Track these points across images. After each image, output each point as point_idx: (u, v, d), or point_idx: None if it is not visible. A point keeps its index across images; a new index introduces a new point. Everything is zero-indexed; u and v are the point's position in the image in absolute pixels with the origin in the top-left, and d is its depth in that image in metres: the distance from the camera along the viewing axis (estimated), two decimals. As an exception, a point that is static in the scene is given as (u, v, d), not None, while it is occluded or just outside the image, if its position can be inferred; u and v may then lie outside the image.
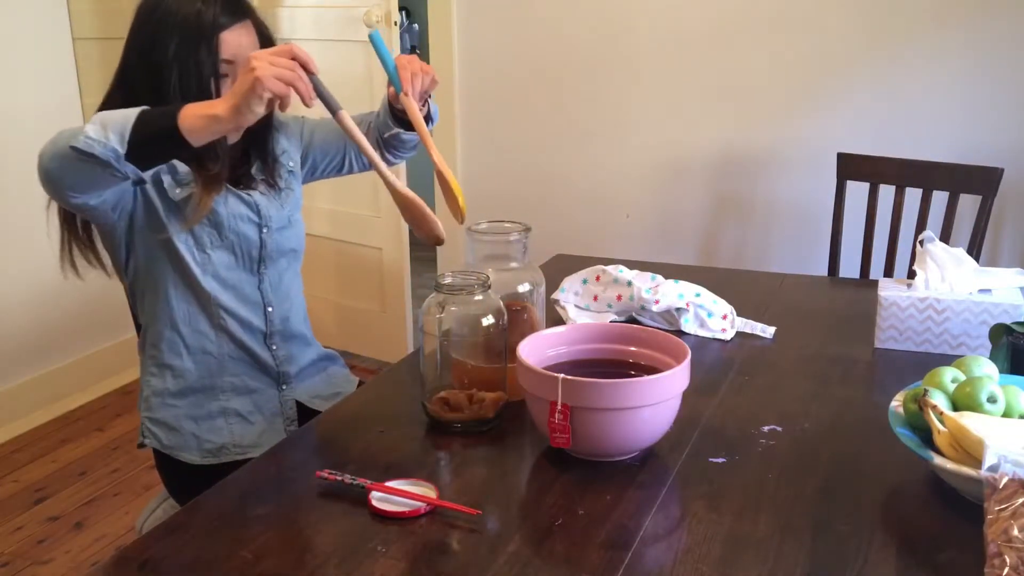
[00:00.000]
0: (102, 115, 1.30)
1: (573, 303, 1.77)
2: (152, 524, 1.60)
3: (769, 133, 2.96)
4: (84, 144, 1.25)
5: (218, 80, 1.47)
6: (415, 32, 5.57)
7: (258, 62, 1.23)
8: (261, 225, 1.59)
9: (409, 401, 1.45)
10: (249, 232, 1.58)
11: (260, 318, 1.62)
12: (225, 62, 1.47)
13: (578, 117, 3.17)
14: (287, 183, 1.65)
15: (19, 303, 3.10)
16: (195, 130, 1.26)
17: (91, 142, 1.25)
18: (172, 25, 1.46)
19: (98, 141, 1.25)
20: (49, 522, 2.55)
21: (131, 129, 1.26)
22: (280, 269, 1.65)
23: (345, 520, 1.12)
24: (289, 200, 1.65)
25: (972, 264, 1.61)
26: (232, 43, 1.47)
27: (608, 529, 1.09)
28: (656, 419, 1.22)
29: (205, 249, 1.54)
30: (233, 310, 1.58)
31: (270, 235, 1.60)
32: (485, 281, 1.35)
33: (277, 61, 1.24)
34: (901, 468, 1.21)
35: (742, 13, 2.91)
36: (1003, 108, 2.69)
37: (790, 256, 2.99)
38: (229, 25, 1.47)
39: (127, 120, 1.27)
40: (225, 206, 1.54)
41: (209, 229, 1.54)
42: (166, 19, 1.47)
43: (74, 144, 1.26)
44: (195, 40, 1.45)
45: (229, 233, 1.55)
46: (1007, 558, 0.92)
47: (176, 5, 1.47)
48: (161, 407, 1.59)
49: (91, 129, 1.26)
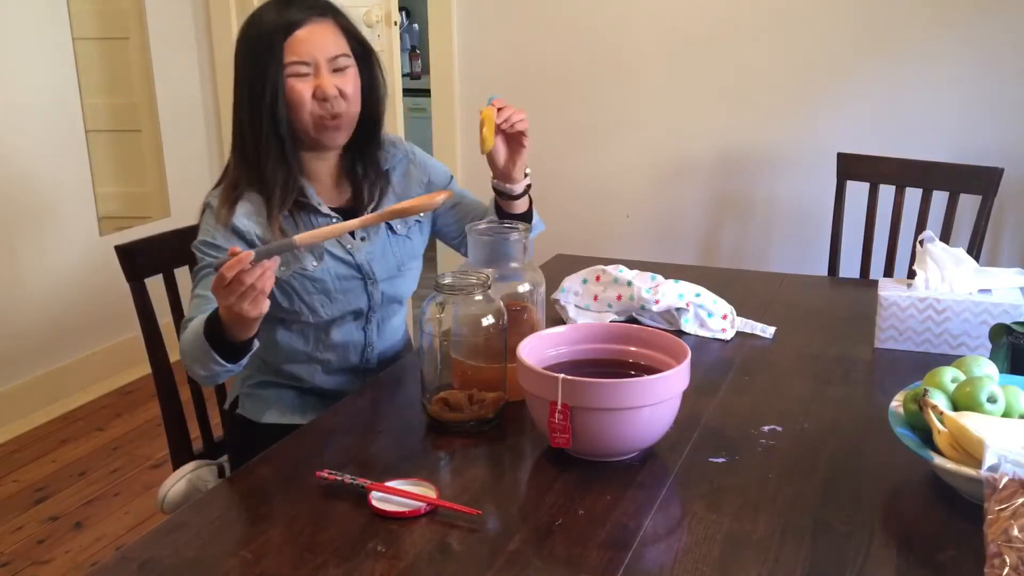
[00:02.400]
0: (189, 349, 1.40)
1: (573, 303, 1.77)
2: (175, 495, 1.64)
3: (769, 133, 2.96)
4: (210, 381, 1.44)
5: (285, 79, 1.48)
6: (415, 32, 5.58)
7: (225, 304, 1.26)
8: (365, 280, 1.61)
9: (409, 401, 1.46)
10: (356, 289, 1.61)
11: (358, 355, 1.67)
12: (299, 62, 1.48)
13: (578, 117, 3.17)
14: (408, 231, 1.67)
15: (20, 303, 3.10)
16: (236, 329, 1.32)
17: (210, 377, 1.41)
18: (252, 35, 1.51)
19: (211, 376, 1.40)
20: (49, 522, 2.55)
21: (216, 354, 1.35)
22: (388, 314, 1.69)
23: (345, 520, 1.12)
24: (403, 248, 1.67)
25: (972, 264, 1.61)
26: (305, 40, 1.48)
27: (608, 529, 1.09)
28: (656, 419, 1.22)
29: (319, 313, 1.58)
30: (334, 345, 1.63)
31: (376, 288, 1.63)
32: (485, 281, 1.35)
33: (232, 291, 1.24)
34: (901, 468, 1.21)
35: (742, 13, 2.91)
36: (1003, 108, 2.69)
37: (790, 256, 2.99)
38: (300, 24, 1.48)
39: (205, 346, 1.35)
40: (329, 272, 1.57)
41: (319, 295, 1.57)
42: (248, 32, 1.51)
43: (205, 383, 1.46)
44: (266, 41, 1.48)
45: (338, 295, 1.59)
46: (1007, 558, 0.92)
47: (259, 15, 1.51)
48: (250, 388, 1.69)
49: (196, 368, 1.40)
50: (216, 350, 1.35)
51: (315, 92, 1.49)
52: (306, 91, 1.49)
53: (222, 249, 1.48)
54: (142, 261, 1.70)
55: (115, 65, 3.61)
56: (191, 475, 1.69)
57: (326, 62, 1.49)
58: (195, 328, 1.38)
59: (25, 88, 3.04)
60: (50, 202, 3.17)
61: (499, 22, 3.22)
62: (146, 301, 1.70)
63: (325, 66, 1.49)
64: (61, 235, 3.22)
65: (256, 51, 1.49)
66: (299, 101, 1.49)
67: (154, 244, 1.74)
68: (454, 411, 1.34)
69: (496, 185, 1.63)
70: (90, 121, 3.33)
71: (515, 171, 1.58)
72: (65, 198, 3.22)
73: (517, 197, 1.62)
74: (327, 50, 1.49)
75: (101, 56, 3.61)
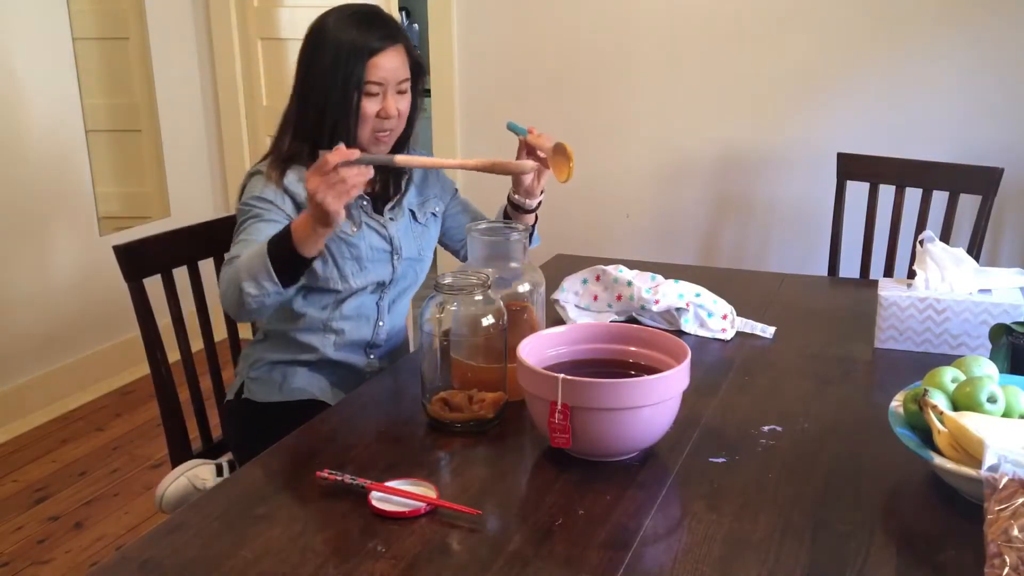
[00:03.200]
0: (245, 265, 1.48)
1: (573, 303, 1.77)
2: (172, 494, 1.67)
3: (769, 133, 2.96)
4: (255, 303, 1.49)
5: (360, 97, 1.61)
6: (415, 32, 5.57)
7: (314, 188, 1.38)
8: (393, 253, 1.73)
9: (409, 401, 1.46)
10: (383, 261, 1.73)
11: (369, 329, 1.75)
12: (374, 83, 1.62)
13: (578, 117, 3.17)
14: (426, 221, 1.81)
15: (19, 304, 3.10)
16: (306, 244, 1.44)
17: (257, 298, 1.48)
18: (331, 45, 1.61)
19: (260, 296, 1.48)
20: (49, 522, 2.55)
21: (274, 269, 1.45)
22: (400, 291, 1.79)
23: (345, 520, 1.12)
24: (424, 237, 1.81)
25: (972, 264, 1.61)
26: (383, 66, 1.62)
27: (608, 529, 1.09)
28: (656, 419, 1.22)
29: (348, 280, 1.69)
30: (349, 318, 1.72)
31: (400, 263, 1.75)
32: (485, 281, 1.36)
33: (327, 180, 1.38)
34: (901, 468, 1.21)
35: (742, 14, 2.91)
36: (1003, 108, 2.69)
37: (790, 256, 2.99)
38: (381, 50, 1.62)
39: (266, 261, 1.46)
40: (365, 240, 1.69)
41: (351, 262, 1.69)
42: (326, 41, 1.62)
43: (246, 306, 1.50)
44: (349, 59, 1.60)
45: (368, 264, 1.71)
46: (1007, 558, 0.92)
47: (337, 28, 1.62)
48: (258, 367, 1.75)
49: (248, 287, 1.47)
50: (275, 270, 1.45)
51: (380, 112, 1.64)
52: (373, 109, 1.63)
53: (272, 203, 1.61)
54: (141, 261, 1.70)
55: (115, 65, 3.61)
56: (188, 473, 1.70)
57: (394, 85, 1.64)
58: (257, 249, 1.48)
59: (25, 88, 3.04)
60: (50, 202, 3.17)
61: (499, 22, 3.22)
62: (145, 301, 1.70)
63: (392, 88, 1.64)
64: (61, 235, 3.22)
65: (335, 64, 1.60)
66: (365, 117, 1.63)
67: (153, 244, 1.74)
68: (454, 411, 1.34)
69: (516, 200, 1.75)
70: (90, 121, 3.32)
71: (539, 188, 1.73)
72: (65, 198, 3.22)
73: (530, 211, 1.77)
74: (397, 75, 1.64)
75: (101, 56, 3.60)
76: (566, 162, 1.60)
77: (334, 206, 1.38)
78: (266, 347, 1.77)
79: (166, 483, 1.70)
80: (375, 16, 1.64)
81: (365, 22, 1.62)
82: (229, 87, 3.61)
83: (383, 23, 1.64)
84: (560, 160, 1.62)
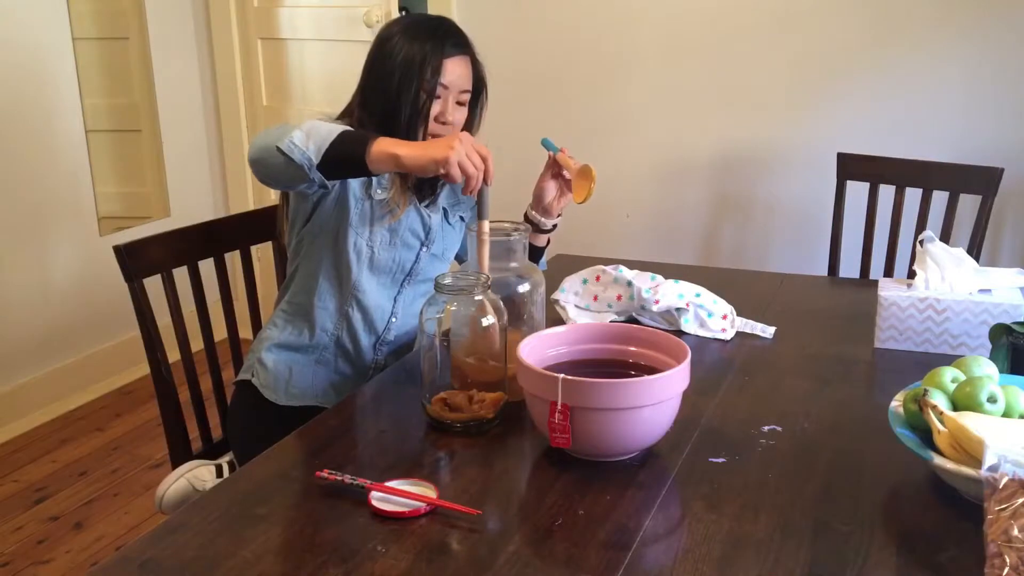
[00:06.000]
0: (312, 124, 1.49)
1: (573, 303, 1.77)
2: (173, 495, 1.68)
3: (769, 133, 2.96)
4: (286, 147, 1.45)
5: (431, 98, 1.65)
6: (415, 32, 5.57)
7: (460, 145, 1.42)
8: (423, 243, 1.75)
9: (409, 401, 1.46)
10: (412, 245, 1.74)
11: (382, 323, 1.76)
12: (441, 85, 1.66)
13: (578, 117, 3.17)
14: (455, 223, 1.84)
15: (19, 304, 3.10)
16: (378, 162, 1.44)
17: (293, 147, 1.45)
18: (405, 44, 1.65)
19: (299, 148, 1.45)
20: (49, 522, 2.55)
21: (328, 145, 1.44)
22: (417, 292, 1.79)
23: (345, 520, 1.12)
24: (450, 237, 1.83)
25: (972, 264, 1.61)
26: (452, 71, 1.67)
27: (608, 529, 1.09)
28: (656, 419, 1.22)
29: (374, 248, 1.70)
30: (364, 304, 1.73)
31: (427, 254, 1.76)
32: (485, 281, 1.36)
33: (473, 155, 1.42)
34: (901, 468, 1.21)
35: (742, 13, 2.90)
36: (1003, 108, 2.69)
37: (790, 256, 2.99)
38: (453, 55, 1.67)
39: (329, 135, 1.45)
40: (407, 218, 1.72)
41: (385, 233, 1.70)
42: (400, 40, 1.66)
43: (279, 144, 1.46)
44: (424, 58, 1.64)
45: (398, 239, 1.72)
46: (1007, 558, 0.92)
47: (412, 30, 1.67)
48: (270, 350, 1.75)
49: (297, 135, 1.46)
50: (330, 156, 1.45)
51: (438, 115, 1.67)
52: (434, 110, 1.67)
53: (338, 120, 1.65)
54: (141, 261, 1.70)
55: (115, 65, 3.61)
56: (188, 474, 1.70)
57: (456, 92, 1.69)
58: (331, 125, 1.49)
59: (25, 88, 3.04)
60: (50, 202, 3.17)
61: (499, 22, 3.22)
62: (145, 301, 1.70)
63: (454, 95, 1.69)
64: (61, 235, 3.22)
65: (409, 62, 1.64)
66: (426, 116, 1.66)
67: (153, 244, 1.74)
68: (454, 411, 1.34)
69: (532, 217, 1.78)
70: (90, 121, 3.32)
71: (558, 209, 1.77)
72: (65, 198, 3.22)
73: (545, 231, 1.81)
74: (461, 83, 1.69)
75: (101, 56, 3.60)
76: (587, 184, 1.63)
77: (453, 168, 1.40)
78: (279, 329, 1.76)
79: (166, 484, 1.70)
80: (451, 24, 1.72)
81: (441, 29, 1.69)
82: (229, 87, 3.60)
83: (457, 32, 1.71)
84: (581, 182, 1.65)
